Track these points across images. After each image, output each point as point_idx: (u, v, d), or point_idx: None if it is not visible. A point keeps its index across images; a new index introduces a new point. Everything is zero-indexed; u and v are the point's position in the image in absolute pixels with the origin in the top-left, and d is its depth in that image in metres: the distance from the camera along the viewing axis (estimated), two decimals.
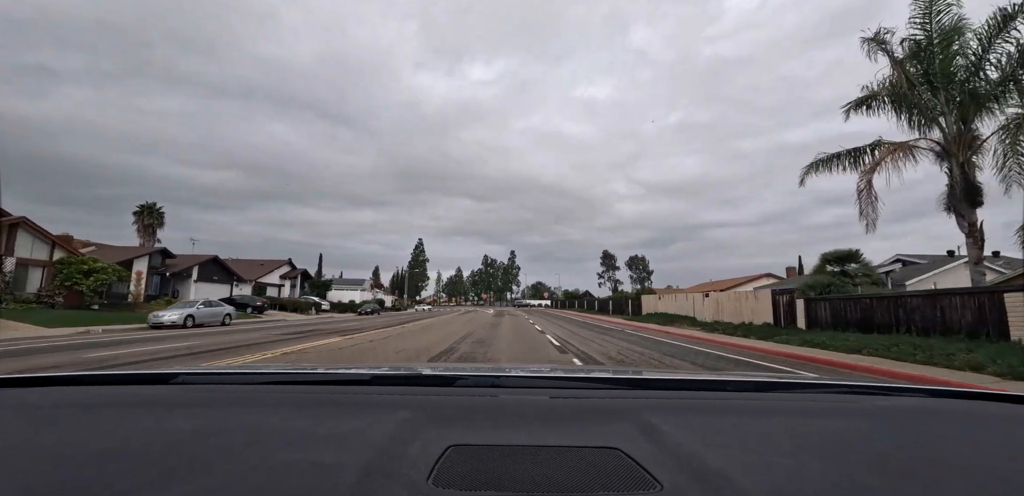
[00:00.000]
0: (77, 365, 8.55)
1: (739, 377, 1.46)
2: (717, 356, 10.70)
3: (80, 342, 13.07)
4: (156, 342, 13.04)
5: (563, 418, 0.81)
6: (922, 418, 0.92)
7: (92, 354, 10.12)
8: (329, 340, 13.83)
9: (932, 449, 0.74)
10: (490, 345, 12.55)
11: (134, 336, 15.50)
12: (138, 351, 10.70)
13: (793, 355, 10.44)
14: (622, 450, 0.66)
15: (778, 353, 11.00)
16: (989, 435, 0.82)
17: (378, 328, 20.46)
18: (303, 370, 1.23)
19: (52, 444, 0.67)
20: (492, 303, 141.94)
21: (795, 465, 0.64)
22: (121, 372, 1.10)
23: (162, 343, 12.74)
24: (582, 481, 0.58)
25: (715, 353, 11.28)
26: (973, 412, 0.98)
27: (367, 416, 0.78)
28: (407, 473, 0.57)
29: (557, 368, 1.63)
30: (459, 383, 1.08)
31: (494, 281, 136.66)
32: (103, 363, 8.88)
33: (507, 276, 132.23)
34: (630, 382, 1.31)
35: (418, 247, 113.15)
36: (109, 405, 0.86)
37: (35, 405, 0.86)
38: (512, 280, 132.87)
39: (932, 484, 0.60)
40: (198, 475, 0.56)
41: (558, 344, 13.14)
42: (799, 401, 1.05)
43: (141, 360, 9.20)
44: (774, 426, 0.81)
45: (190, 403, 0.87)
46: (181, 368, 1.16)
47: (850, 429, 0.83)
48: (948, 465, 0.67)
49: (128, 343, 12.78)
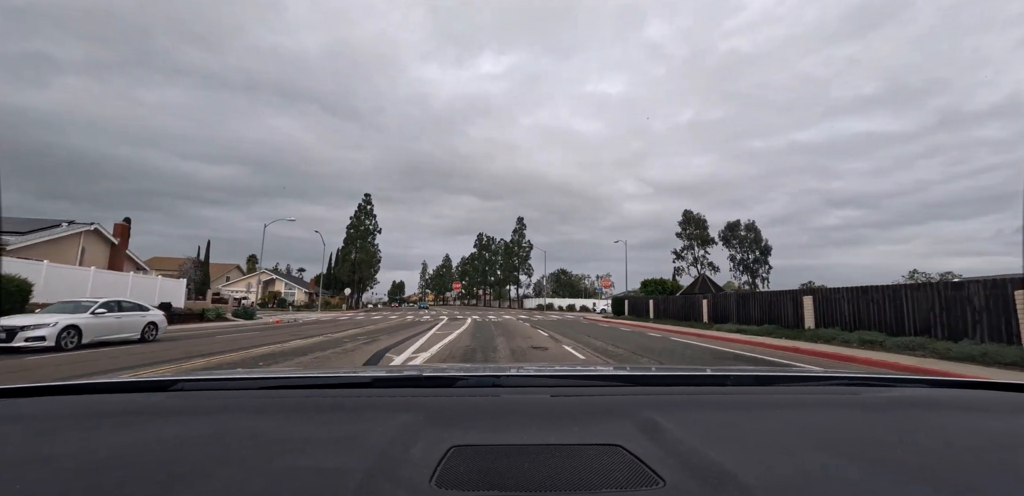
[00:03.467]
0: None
1: (739, 371, 1.41)
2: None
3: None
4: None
5: (564, 416, 0.81)
6: (923, 409, 0.92)
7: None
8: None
9: (933, 439, 0.74)
10: None
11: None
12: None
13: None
14: (624, 447, 0.66)
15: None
16: (989, 424, 0.83)
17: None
18: (303, 374, 1.26)
19: (51, 454, 0.65)
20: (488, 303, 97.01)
21: (797, 459, 0.64)
22: (119, 380, 1.10)
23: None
24: (585, 479, 0.58)
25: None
26: (973, 401, 0.98)
27: (368, 419, 0.78)
28: (410, 475, 0.57)
29: (557, 367, 1.63)
30: (460, 384, 1.09)
31: (491, 268, 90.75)
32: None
33: (510, 258, 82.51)
34: (631, 379, 1.25)
35: (362, 210, 67.23)
36: (108, 414, 0.84)
37: (33, 415, 0.85)
38: (520, 265, 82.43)
39: (934, 474, 0.60)
40: (199, 483, 0.55)
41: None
42: (799, 394, 1.06)
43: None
44: (775, 420, 0.82)
45: (189, 410, 0.86)
46: (179, 375, 1.16)
47: (851, 421, 0.83)
48: (949, 455, 0.67)
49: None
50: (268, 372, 1.49)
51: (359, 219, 64.93)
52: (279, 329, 18.93)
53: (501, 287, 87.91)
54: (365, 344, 12.35)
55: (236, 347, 11.26)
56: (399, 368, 1.62)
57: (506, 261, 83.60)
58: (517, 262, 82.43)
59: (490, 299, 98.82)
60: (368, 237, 66.09)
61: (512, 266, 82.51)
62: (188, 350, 10.67)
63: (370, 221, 67.12)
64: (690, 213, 60.34)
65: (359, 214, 65.63)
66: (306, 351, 10.51)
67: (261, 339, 13.62)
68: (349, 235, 64.13)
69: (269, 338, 14.05)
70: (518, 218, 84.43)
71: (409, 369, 1.42)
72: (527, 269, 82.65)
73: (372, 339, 14.05)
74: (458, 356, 9.95)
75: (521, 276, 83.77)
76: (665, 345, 12.92)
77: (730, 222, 62.62)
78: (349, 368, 1.80)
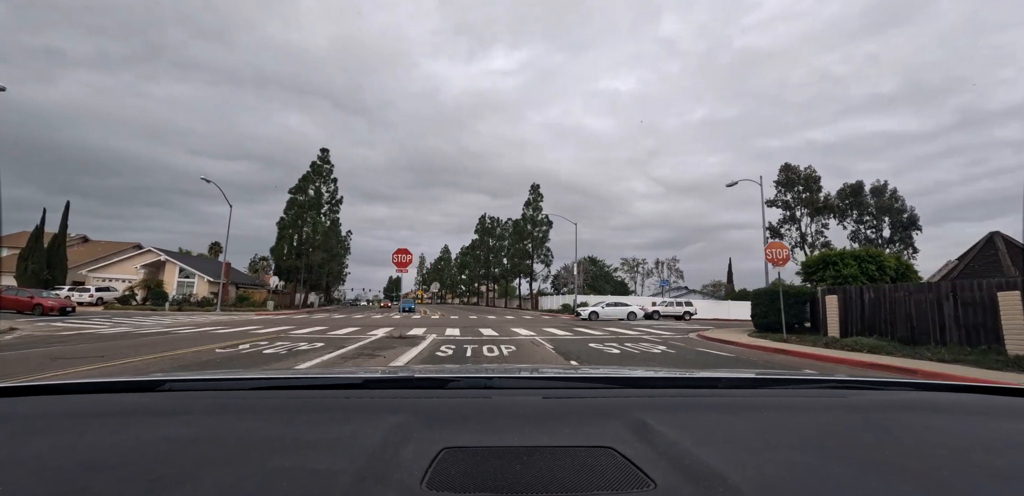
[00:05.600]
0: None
1: (730, 374, 1.44)
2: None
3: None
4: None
5: (556, 418, 0.80)
6: (911, 412, 0.93)
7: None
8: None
9: (921, 442, 0.75)
10: None
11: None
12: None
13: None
14: (615, 449, 0.66)
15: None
16: (977, 427, 0.84)
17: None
18: (293, 375, 1.26)
19: (36, 455, 0.65)
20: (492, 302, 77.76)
21: (787, 461, 0.65)
22: (106, 380, 1.07)
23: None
24: (576, 481, 0.58)
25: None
26: (961, 405, 1.00)
27: (359, 420, 0.78)
28: (401, 477, 0.57)
29: (549, 368, 1.62)
30: (452, 385, 1.08)
31: (496, 258, 70.18)
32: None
33: (521, 240, 58.11)
34: (622, 381, 1.26)
35: (315, 171, 47.16)
36: (94, 414, 0.83)
37: (16, 415, 0.83)
38: (535, 249, 57.51)
39: (923, 477, 0.61)
40: (187, 484, 0.55)
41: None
42: (790, 397, 1.07)
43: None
44: (766, 422, 0.82)
45: (177, 411, 0.85)
46: (167, 375, 1.16)
47: (841, 424, 0.84)
48: (937, 457, 0.68)
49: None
50: (258, 372, 1.51)
51: (307, 181, 45.75)
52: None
53: (508, 281, 67.51)
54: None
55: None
56: (391, 369, 1.48)
57: (515, 244, 59.43)
58: (531, 246, 57.78)
59: (494, 297, 79.50)
60: (321, 209, 47.12)
61: (523, 252, 58.00)
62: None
63: (326, 187, 48.05)
64: (793, 168, 40.56)
65: (311, 176, 46.52)
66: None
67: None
68: (291, 204, 44.88)
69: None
70: (532, 186, 58.37)
71: (401, 370, 1.42)
72: (544, 255, 57.98)
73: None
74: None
75: (536, 265, 58.88)
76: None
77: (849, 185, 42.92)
78: (340, 369, 1.81)
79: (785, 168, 39.83)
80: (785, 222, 40.00)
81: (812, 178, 38.86)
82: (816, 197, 38.30)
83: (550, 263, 58.52)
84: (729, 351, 11.44)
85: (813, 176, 38.96)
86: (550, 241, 57.65)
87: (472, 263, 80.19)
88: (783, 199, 40.04)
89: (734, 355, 10.57)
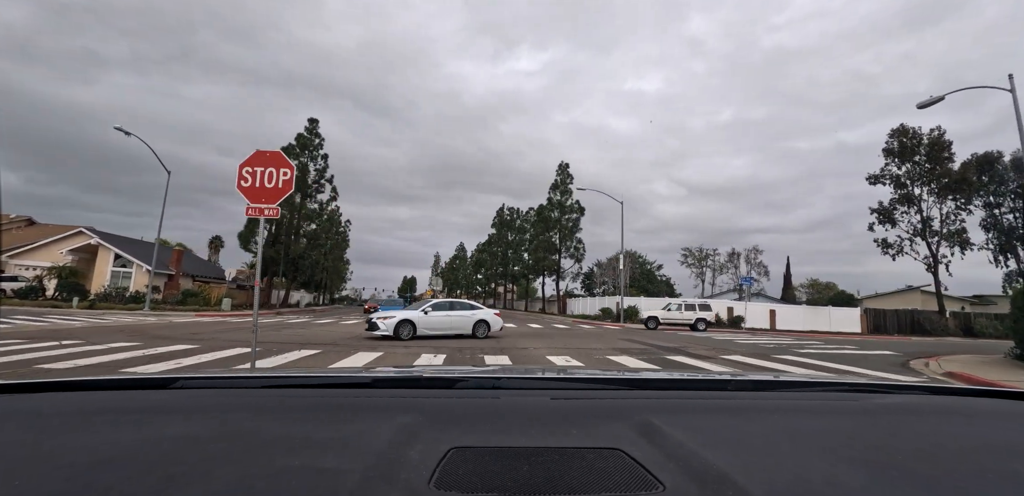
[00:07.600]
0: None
1: (739, 377, 1.44)
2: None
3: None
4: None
5: (564, 419, 0.80)
6: (919, 415, 0.93)
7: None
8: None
9: (929, 446, 0.76)
10: None
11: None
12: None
13: None
14: (624, 451, 0.66)
15: None
16: (984, 431, 0.85)
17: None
18: (303, 374, 1.26)
19: (49, 451, 0.65)
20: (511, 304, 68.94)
21: (795, 464, 0.65)
22: (118, 377, 1.09)
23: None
24: (584, 482, 0.58)
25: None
26: (968, 408, 1.00)
27: (368, 420, 0.78)
28: (408, 476, 0.57)
29: (558, 370, 1.62)
30: (460, 385, 1.09)
31: (516, 254, 60.83)
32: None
33: (546, 230, 48.12)
34: (631, 383, 1.28)
35: (303, 143, 38.65)
36: (107, 411, 0.83)
37: (30, 411, 0.83)
38: (563, 241, 47.54)
39: (933, 481, 0.61)
40: (197, 482, 0.55)
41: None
42: (798, 400, 1.07)
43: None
44: (774, 425, 0.82)
45: (189, 408, 0.85)
46: (180, 372, 1.17)
47: (849, 427, 0.84)
48: (945, 461, 0.69)
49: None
50: (269, 371, 1.52)
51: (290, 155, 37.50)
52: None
53: (529, 281, 58.31)
54: None
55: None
56: (400, 369, 1.43)
57: (539, 235, 49.01)
58: (558, 237, 47.51)
59: (513, 298, 70.82)
60: (307, 189, 39.14)
61: (548, 244, 47.34)
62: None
63: (314, 164, 40.11)
64: (912, 131, 31.11)
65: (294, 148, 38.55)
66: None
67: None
68: None
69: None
70: (560, 165, 49.10)
71: (409, 370, 1.39)
72: (575, 248, 47.37)
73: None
74: None
75: (564, 261, 47.99)
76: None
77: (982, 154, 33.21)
78: (349, 369, 1.93)
79: (899, 131, 30.35)
80: (899, 203, 30.55)
81: (940, 144, 29.32)
82: (948, 168, 28.73)
83: (582, 258, 48.22)
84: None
85: (941, 142, 29.45)
86: (581, 231, 47.97)
87: (489, 260, 71.56)
88: (893, 173, 30.61)
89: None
